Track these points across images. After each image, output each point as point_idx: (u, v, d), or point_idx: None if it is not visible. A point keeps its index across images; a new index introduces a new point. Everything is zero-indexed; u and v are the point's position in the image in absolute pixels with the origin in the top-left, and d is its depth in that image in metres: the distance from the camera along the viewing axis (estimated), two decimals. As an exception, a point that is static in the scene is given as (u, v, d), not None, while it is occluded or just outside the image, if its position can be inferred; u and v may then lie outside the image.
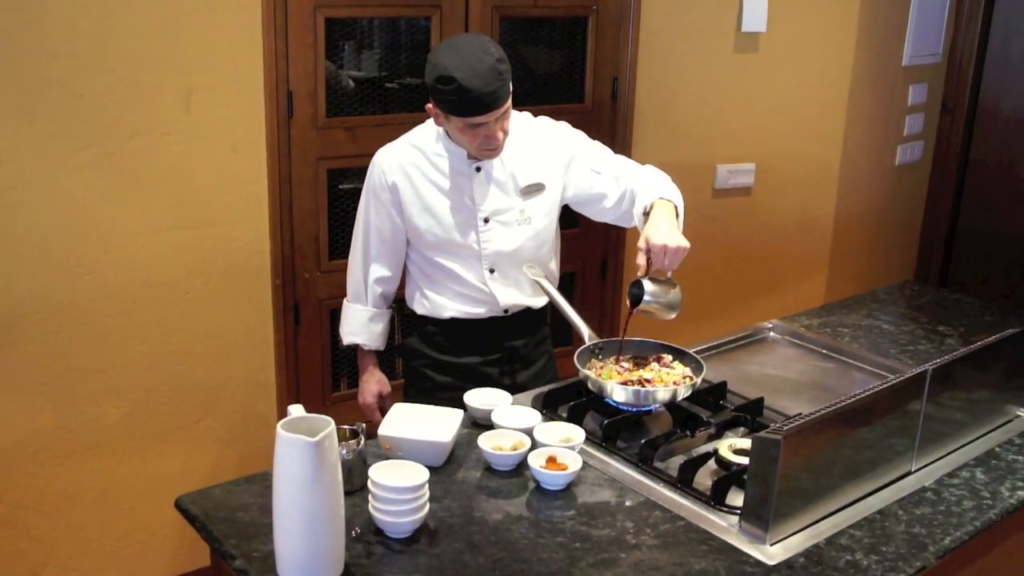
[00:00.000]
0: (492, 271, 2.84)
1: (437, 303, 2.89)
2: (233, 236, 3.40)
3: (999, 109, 5.28)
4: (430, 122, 2.79)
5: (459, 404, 2.58)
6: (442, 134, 2.77)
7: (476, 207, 2.79)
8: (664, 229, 2.54)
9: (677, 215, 2.69)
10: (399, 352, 3.14)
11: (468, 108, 2.54)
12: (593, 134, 4.23)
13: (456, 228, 2.79)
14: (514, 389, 2.83)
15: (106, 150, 3.09)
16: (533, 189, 2.83)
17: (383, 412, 3.01)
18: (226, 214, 3.37)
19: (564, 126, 2.93)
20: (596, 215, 2.93)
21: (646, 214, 2.67)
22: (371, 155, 3.33)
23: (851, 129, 4.83)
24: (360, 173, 3.60)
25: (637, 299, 2.54)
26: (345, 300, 3.03)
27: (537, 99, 4.10)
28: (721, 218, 4.65)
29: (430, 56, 2.61)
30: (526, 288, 2.90)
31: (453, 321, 2.90)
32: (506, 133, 2.68)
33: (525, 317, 2.94)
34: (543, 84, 4.17)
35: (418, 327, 2.98)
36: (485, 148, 2.67)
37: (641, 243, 2.55)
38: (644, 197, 2.71)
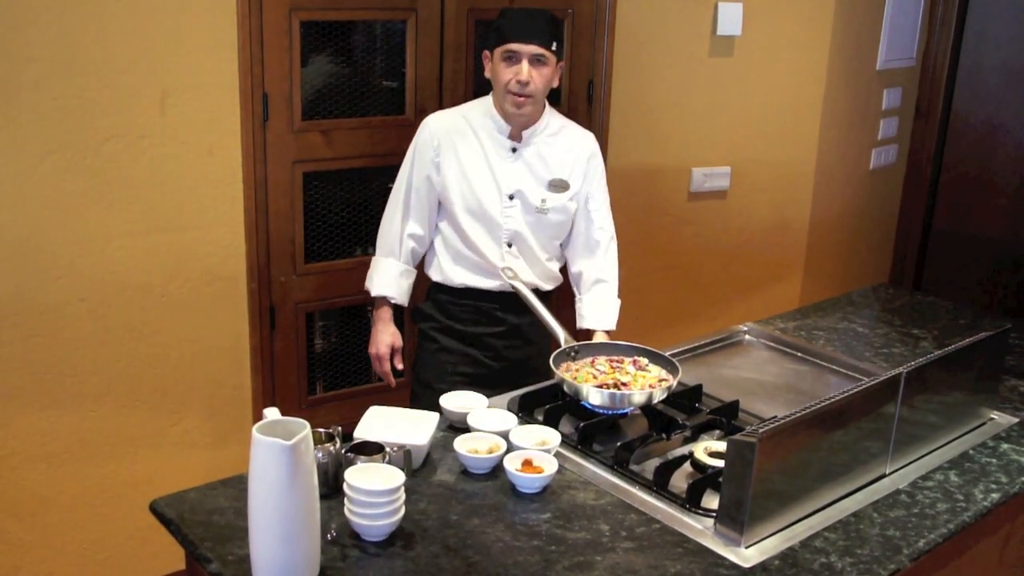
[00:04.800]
0: (510, 245, 3.05)
1: (452, 271, 3.08)
2: (208, 239, 3.39)
3: (972, 114, 5.32)
4: (482, 99, 3.09)
5: (462, 368, 3.10)
6: (490, 108, 3.02)
7: (505, 183, 3.01)
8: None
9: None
10: (412, 314, 3.30)
11: (507, 30, 2.86)
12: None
13: (484, 197, 3.01)
14: (514, 363, 3.16)
15: (80, 153, 3.08)
16: (558, 184, 3.05)
17: (392, 366, 3.19)
18: (201, 217, 3.36)
19: (598, 148, 3.18)
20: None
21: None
22: (347, 158, 3.32)
23: (826, 132, 4.86)
24: (336, 176, 3.61)
25: None
26: (375, 257, 3.18)
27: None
28: (696, 221, 4.67)
29: None
30: (540, 271, 3.12)
31: (464, 290, 3.08)
32: (537, 88, 2.90)
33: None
34: (519, 87, 4.17)
35: (432, 293, 3.17)
36: (514, 91, 2.89)
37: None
38: (591, 314, 3.15)
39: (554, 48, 2.90)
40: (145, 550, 3.47)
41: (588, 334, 3.12)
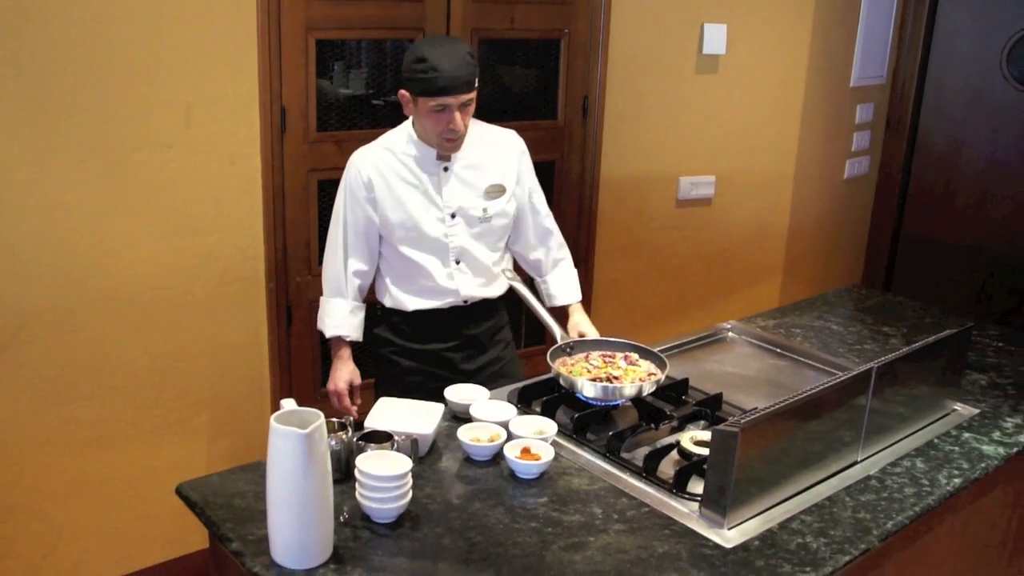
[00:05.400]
0: (458, 262, 2.89)
1: (403, 297, 2.94)
2: (229, 242, 3.40)
3: (937, 129, 5.33)
4: (400, 127, 2.88)
5: (424, 386, 2.79)
6: (412, 135, 2.83)
7: (444, 203, 2.85)
8: (591, 328, 2.99)
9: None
10: (368, 340, 3.12)
11: (436, 88, 2.62)
12: (565, 149, 4.27)
13: (425, 222, 2.84)
14: (474, 372, 3.00)
15: (109, 161, 3.09)
16: (495, 190, 2.90)
17: (352, 401, 3.05)
18: (223, 222, 3.37)
19: (523, 143, 3.03)
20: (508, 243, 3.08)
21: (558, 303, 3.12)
22: (359, 167, 3.31)
23: (803, 144, 4.87)
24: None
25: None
26: (323, 297, 3.02)
27: (513, 116, 4.11)
28: (683, 227, 4.68)
29: (410, 47, 2.71)
30: (485, 280, 2.96)
31: (417, 313, 2.94)
32: (466, 127, 2.74)
33: (483, 307, 2.99)
34: (519, 102, 4.19)
35: (385, 318, 3.03)
36: (447, 137, 2.73)
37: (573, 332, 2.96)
38: (562, 292, 3.12)
39: (476, 83, 2.70)
40: (171, 530, 3.49)
41: (562, 311, 3.07)
